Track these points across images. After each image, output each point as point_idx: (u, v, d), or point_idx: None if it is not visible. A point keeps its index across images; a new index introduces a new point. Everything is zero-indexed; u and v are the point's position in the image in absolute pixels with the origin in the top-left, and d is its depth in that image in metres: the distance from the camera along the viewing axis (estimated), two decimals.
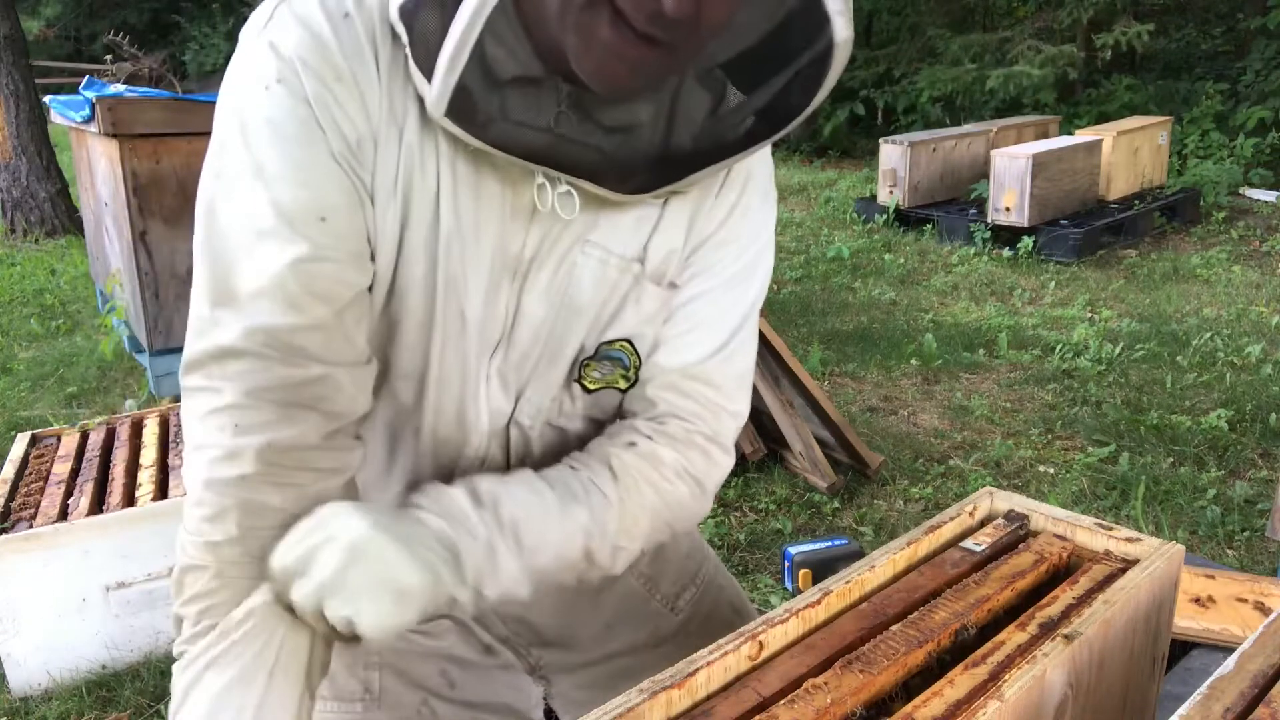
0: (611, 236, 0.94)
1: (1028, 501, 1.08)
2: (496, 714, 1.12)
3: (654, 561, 1.19)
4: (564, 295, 0.94)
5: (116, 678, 2.34)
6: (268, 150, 0.82)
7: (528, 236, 0.91)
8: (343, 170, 0.84)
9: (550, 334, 0.96)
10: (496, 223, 0.90)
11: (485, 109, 0.80)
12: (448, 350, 0.94)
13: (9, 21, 7.40)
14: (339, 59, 0.82)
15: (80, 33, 19.97)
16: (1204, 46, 10.84)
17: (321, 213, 0.83)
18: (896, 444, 3.66)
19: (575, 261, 0.93)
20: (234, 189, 0.83)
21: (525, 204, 0.90)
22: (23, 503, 2.41)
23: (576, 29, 0.76)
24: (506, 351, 0.96)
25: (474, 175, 0.88)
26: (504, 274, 0.92)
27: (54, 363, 4.72)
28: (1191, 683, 1.47)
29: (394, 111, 0.85)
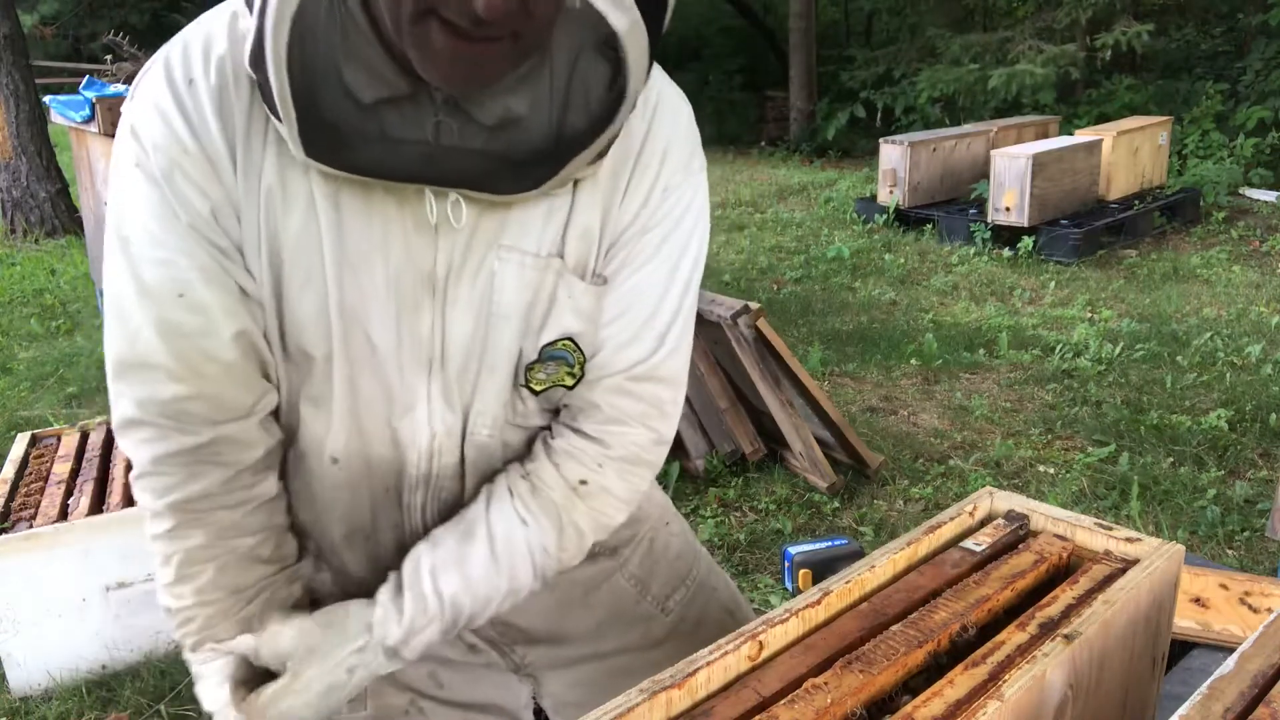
0: (524, 236, 0.92)
1: (1028, 501, 1.08)
2: (485, 713, 1.12)
3: (643, 563, 1.19)
4: (488, 304, 0.93)
5: (116, 678, 2.34)
6: (131, 228, 0.88)
7: (438, 252, 0.90)
8: (200, 242, 0.88)
9: (484, 346, 0.95)
10: (399, 243, 0.89)
11: (353, 133, 0.81)
12: (360, 379, 0.94)
13: (9, 21, 7.40)
14: (185, 135, 0.86)
15: (79, 32, 19.97)
16: (1204, 46, 10.84)
17: (179, 289, 0.88)
18: (896, 444, 3.66)
19: (493, 269, 0.92)
20: (111, 263, 0.90)
21: (424, 218, 0.89)
22: (23, 503, 2.41)
23: (414, 43, 0.77)
24: (443, 369, 0.95)
25: (363, 201, 0.88)
26: (421, 293, 0.91)
27: (54, 363, 4.72)
28: (1191, 683, 1.47)
29: (251, 165, 0.87)
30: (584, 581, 1.15)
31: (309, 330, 0.92)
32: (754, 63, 14.60)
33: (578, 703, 1.15)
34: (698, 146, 1.00)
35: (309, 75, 0.78)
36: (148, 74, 0.89)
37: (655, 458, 1.02)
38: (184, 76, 0.86)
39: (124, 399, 0.91)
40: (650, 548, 1.20)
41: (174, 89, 0.86)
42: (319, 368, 0.94)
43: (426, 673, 1.10)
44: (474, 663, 1.13)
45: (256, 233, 0.89)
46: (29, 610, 2.27)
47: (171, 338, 0.88)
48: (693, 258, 0.99)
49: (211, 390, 0.90)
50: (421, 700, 1.10)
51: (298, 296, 0.90)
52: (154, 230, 0.87)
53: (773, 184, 9.61)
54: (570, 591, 1.15)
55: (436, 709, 1.10)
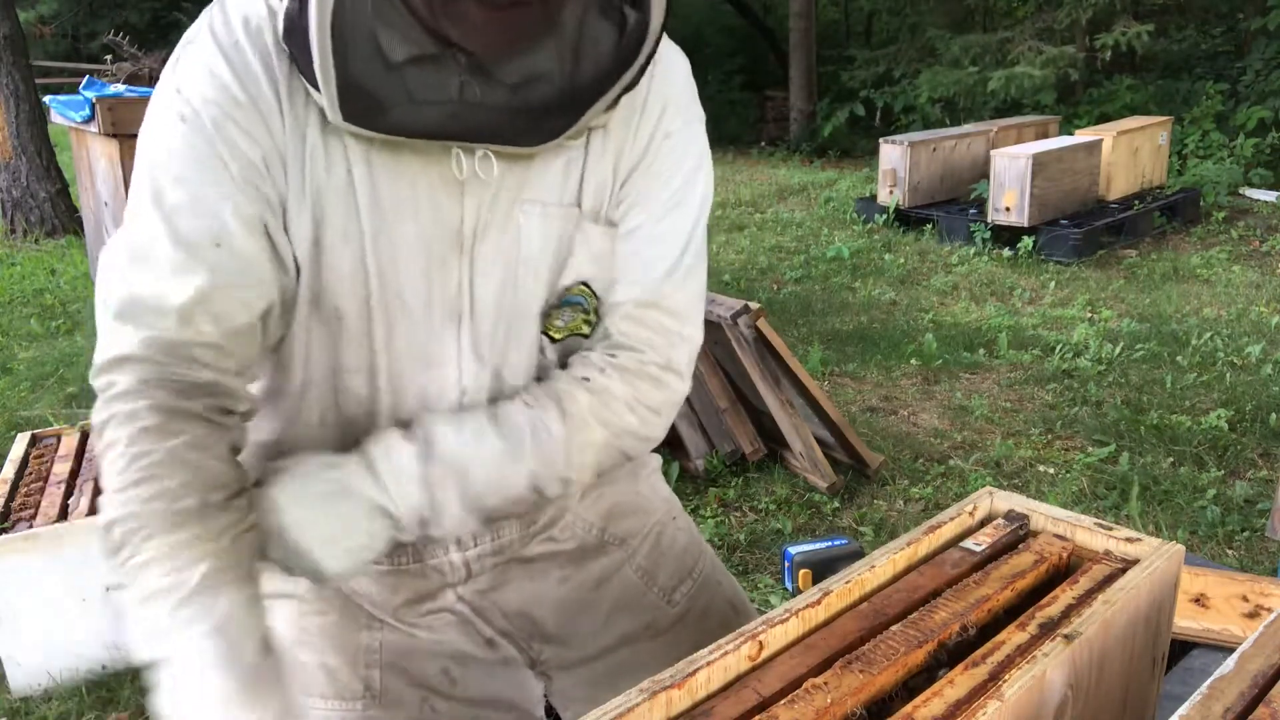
0: (545, 188, 0.97)
1: (1028, 501, 1.08)
2: (498, 710, 1.13)
3: (651, 555, 1.20)
4: (515, 256, 0.97)
5: (116, 678, 2.34)
6: (167, 180, 0.89)
7: (464, 209, 0.94)
8: (244, 194, 0.89)
9: (514, 298, 0.98)
10: (427, 201, 0.93)
11: (386, 97, 0.85)
12: (395, 337, 0.97)
13: (9, 21, 7.40)
14: (235, 89, 0.89)
15: (78, 31, 19.98)
16: (1204, 46, 10.84)
17: (216, 238, 0.89)
18: (896, 444, 3.66)
19: (518, 222, 0.96)
20: (138, 212, 0.91)
21: (452, 177, 0.93)
22: (23, 503, 2.41)
23: (449, 17, 0.82)
24: (473, 324, 0.98)
25: (393, 160, 0.92)
26: (449, 250, 0.95)
27: (54, 363, 4.72)
28: (1191, 683, 1.47)
29: (297, 122, 0.91)
30: (596, 574, 1.16)
31: (345, 284, 0.94)
32: (754, 63, 14.60)
33: (586, 699, 1.16)
34: (696, 98, 1.06)
35: (343, 42, 0.82)
36: (190, 44, 0.92)
37: (661, 377, 1.04)
38: (229, 40, 0.90)
39: (124, 336, 0.92)
40: (657, 541, 1.21)
41: (222, 49, 0.90)
42: (352, 326, 0.96)
43: (439, 669, 1.11)
44: (490, 658, 1.13)
45: (301, 187, 0.91)
46: (29, 610, 2.27)
47: (203, 286, 0.89)
48: (699, 195, 1.04)
49: (225, 342, 0.92)
50: (435, 698, 1.10)
51: (337, 250, 0.93)
52: (194, 181, 0.89)
53: (773, 184, 9.62)
54: (583, 586, 1.16)
55: (450, 706, 1.11)
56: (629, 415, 1.02)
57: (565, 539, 1.15)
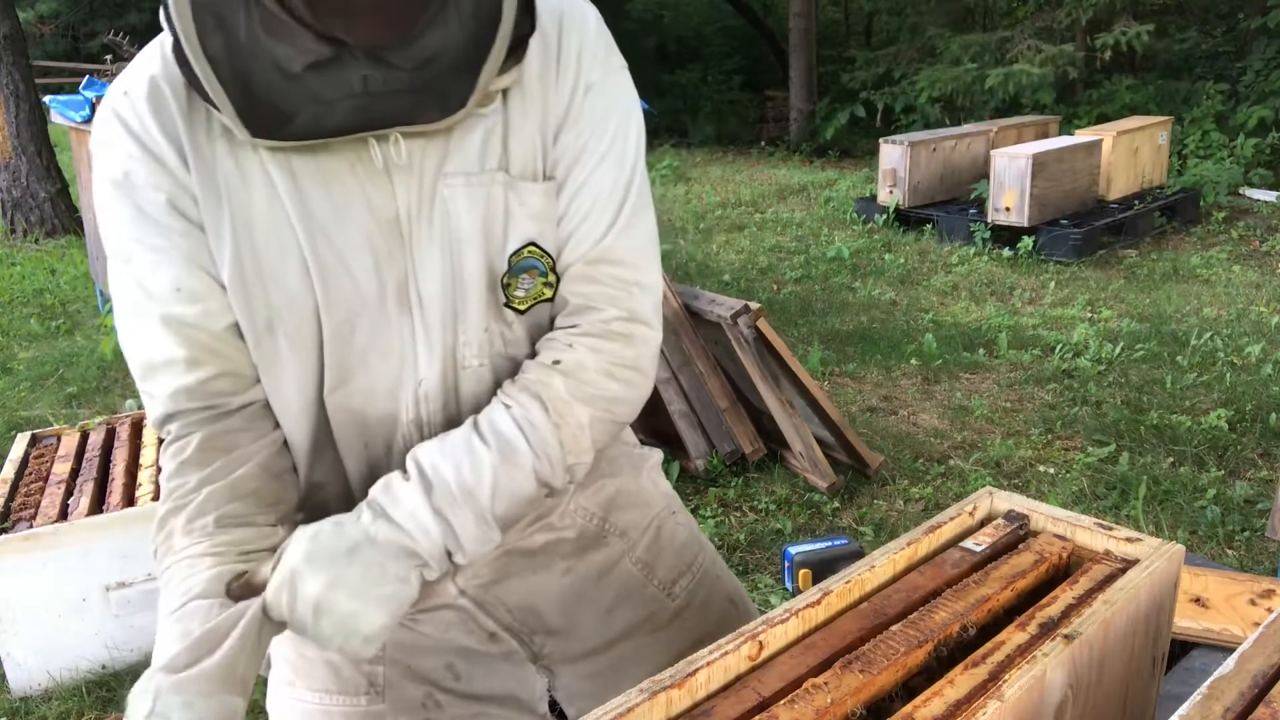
0: (466, 159, 0.97)
1: (1028, 501, 1.08)
2: (502, 705, 1.13)
3: (650, 548, 1.21)
4: (449, 234, 0.97)
5: (116, 678, 2.34)
6: (123, 243, 0.95)
7: (395, 198, 0.95)
8: (172, 233, 0.94)
9: (454, 275, 0.98)
10: (358, 198, 0.94)
11: (291, 106, 0.87)
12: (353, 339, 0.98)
13: (9, 21, 7.40)
14: (127, 141, 0.93)
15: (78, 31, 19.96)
16: (1204, 46, 10.84)
17: (175, 284, 0.95)
18: (896, 444, 3.66)
19: (445, 196, 0.97)
20: (117, 282, 0.97)
21: (376, 168, 0.94)
22: (23, 503, 2.41)
23: (332, 13, 0.83)
24: (421, 311, 0.98)
25: (315, 166, 0.93)
26: (392, 242, 0.96)
27: (54, 363, 4.72)
28: (1191, 683, 1.47)
29: (201, 156, 0.93)
30: (598, 566, 1.17)
31: (295, 299, 0.96)
32: (754, 63, 14.60)
33: (588, 693, 1.16)
34: (612, 46, 1.05)
35: (233, 58, 0.85)
36: (100, 111, 0.98)
37: (629, 331, 1.03)
38: (121, 92, 0.95)
39: (156, 399, 0.98)
40: (657, 535, 1.22)
41: (115, 106, 0.95)
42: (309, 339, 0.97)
43: (443, 665, 1.11)
44: (493, 653, 1.13)
45: (219, 220, 0.94)
46: (29, 610, 2.27)
47: (183, 330, 0.95)
48: (633, 143, 1.04)
49: (230, 367, 0.98)
50: (438, 693, 1.10)
51: (279, 269, 0.95)
52: (139, 237, 0.95)
53: (773, 184, 9.62)
54: (585, 578, 1.16)
55: (454, 701, 1.11)
56: (610, 383, 1.01)
57: (565, 526, 1.15)
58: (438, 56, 0.89)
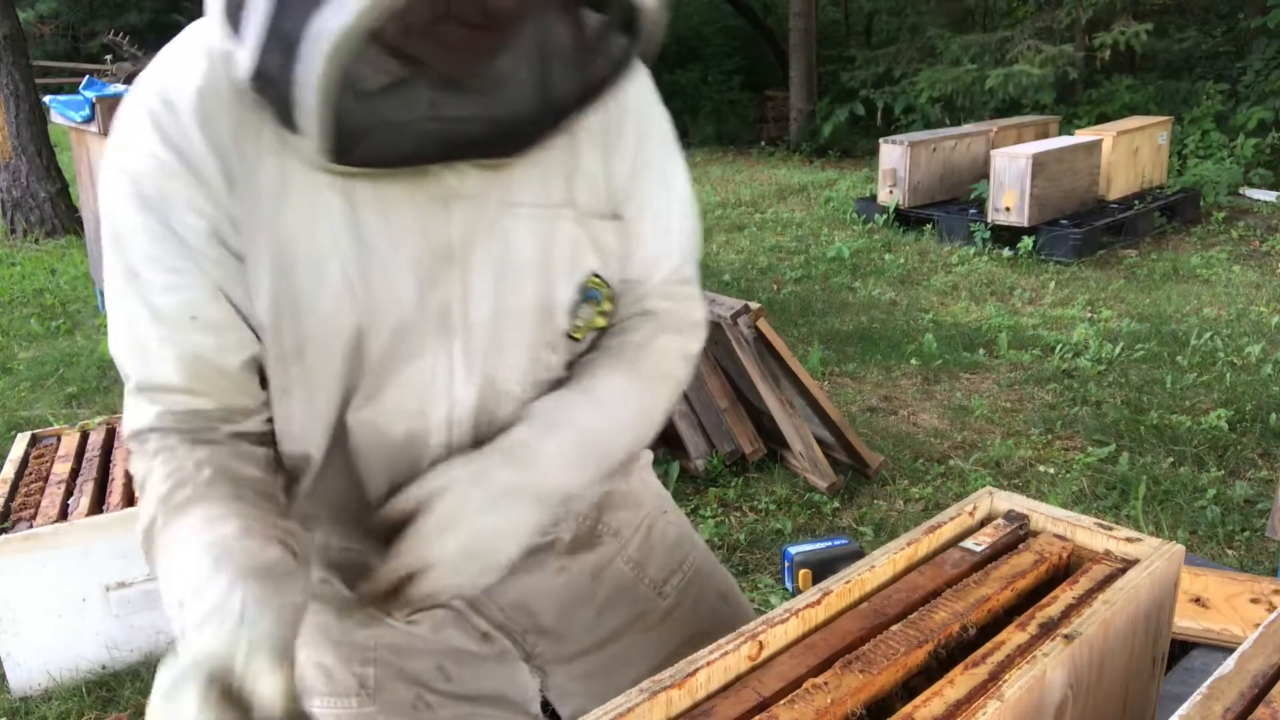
0: (532, 190, 0.97)
1: (1028, 501, 1.08)
2: (493, 706, 1.13)
3: (642, 547, 1.21)
4: (505, 263, 0.97)
5: (116, 678, 2.34)
6: (137, 259, 0.90)
7: (451, 224, 0.94)
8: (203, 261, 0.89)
9: (506, 304, 0.98)
10: (414, 224, 0.93)
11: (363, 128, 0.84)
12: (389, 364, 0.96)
13: (9, 21, 7.40)
14: (168, 157, 0.87)
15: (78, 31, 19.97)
16: (1204, 46, 10.84)
17: (191, 311, 0.90)
18: (896, 444, 3.66)
19: (506, 226, 0.96)
20: (119, 293, 0.92)
21: (437, 193, 0.93)
22: (23, 503, 2.41)
23: (426, 40, 0.82)
24: (466, 335, 0.98)
25: (375, 190, 0.91)
26: (439, 266, 0.95)
27: (54, 363, 4.72)
28: (1191, 683, 1.47)
29: (248, 173, 0.89)
30: (590, 566, 1.17)
31: (330, 326, 0.93)
32: (754, 62, 14.60)
33: (581, 693, 1.17)
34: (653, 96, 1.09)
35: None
36: (124, 109, 0.91)
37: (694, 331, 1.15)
38: (160, 100, 0.88)
39: (142, 413, 0.94)
40: (648, 534, 1.22)
41: (152, 116, 0.88)
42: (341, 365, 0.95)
43: (434, 666, 1.11)
44: (485, 654, 1.13)
45: (263, 246, 0.90)
46: (29, 610, 2.27)
47: (189, 360, 0.92)
48: (678, 161, 1.11)
49: (227, 400, 0.95)
50: (428, 694, 1.10)
51: (315, 295, 0.92)
52: (158, 257, 0.90)
53: (773, 184, 9.62)
54: (579, 577, 1.16)
55: (444, 702, 1.11)
56: (683, 367, 1.12)
57: (559, 528, 1.16)
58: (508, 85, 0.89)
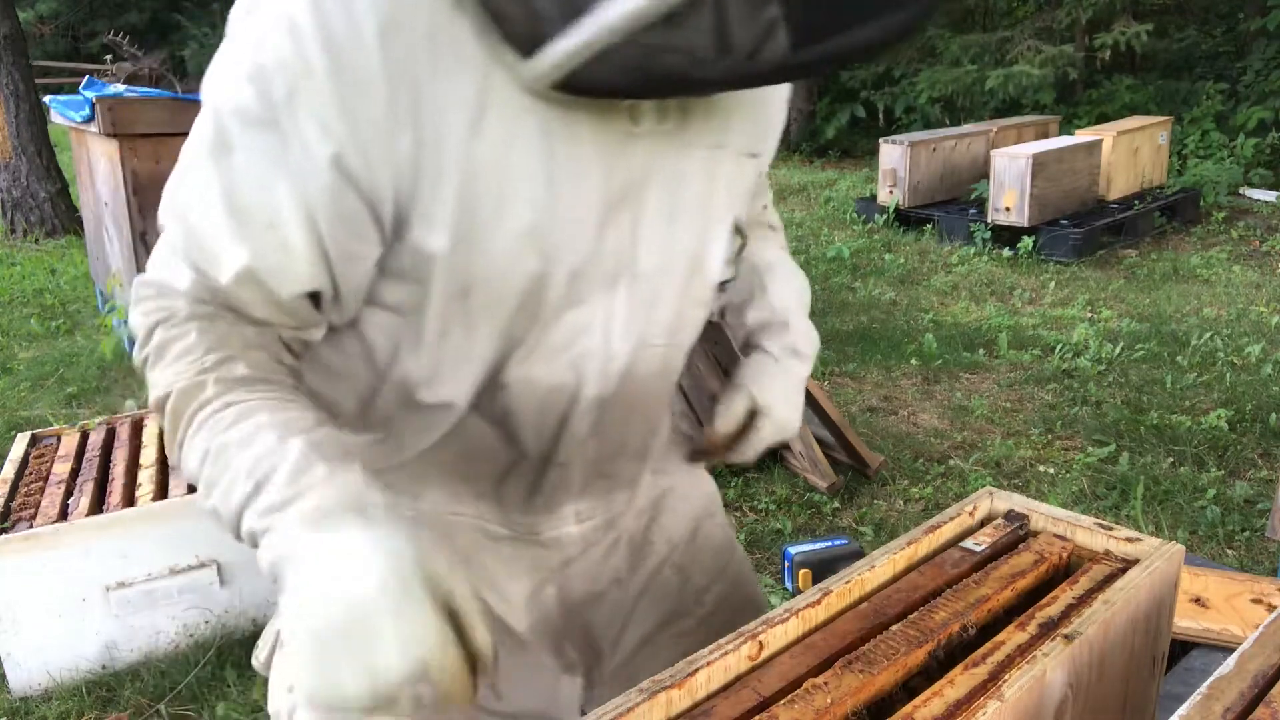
0: (706, 128, 0.91)
1: (1028, 501, 1.08)
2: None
3: (688, 550, 1.17)
4: (675, 207, 0.91)
5: (116, 678, 2.34)
6: (235, 142, 0.78)
7: (629, 163, 0.86)
8: (294, 182, 0.79)
9: (673, 251, 0.93)
10: (599, 160, 0.84)
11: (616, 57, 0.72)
12: (563, 306, 0.89)
13: (9, 21, 7.40)
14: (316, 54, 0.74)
15: (78, 31, 19.97)
16: (1204, 46, 10.84)
17: (270, 221, 0.79)
18: (896, 444, 3.66)
19: (682, 169, 0.90)
20: (198, 156, 0.81)
21: (622, 127, 0.85)
22: (23, 503, 2.41)
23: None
24: (631, 286, 0.92)
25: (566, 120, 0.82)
26: (615, 207, 0.87)
27: (54, 363, 4.72)
28: (1191, 683, 1.47)
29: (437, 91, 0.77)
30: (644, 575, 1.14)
31: (505, 265, 0.84)
32: None
33: (606, 698, 1.14)
34: None
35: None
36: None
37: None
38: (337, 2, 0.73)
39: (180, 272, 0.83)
40: (694, 537, 1.19)
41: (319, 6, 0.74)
42: (508, 309, 0.87)
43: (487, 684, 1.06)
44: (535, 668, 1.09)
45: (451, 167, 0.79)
46: (29, 610, 2.27)
47: (243, 269, 0.81)
48: None
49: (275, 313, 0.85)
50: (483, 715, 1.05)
51: (491, 234, 0.83)
52: (258, 152, 0.78)
53: (773, 184, 9.57)
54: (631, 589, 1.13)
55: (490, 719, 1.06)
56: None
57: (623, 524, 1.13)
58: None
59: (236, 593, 2.41)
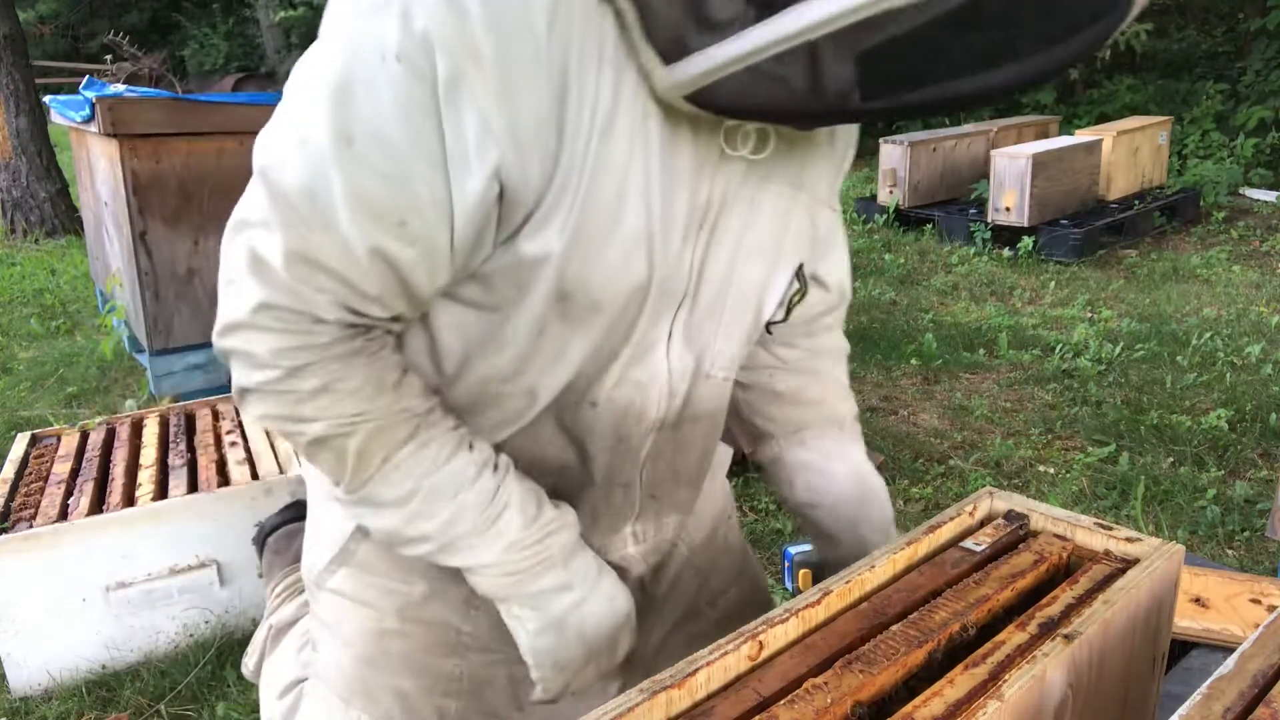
0: (784, 169, 0.91)
1: (1028, 501, 1.08)
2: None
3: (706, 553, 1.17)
4: (745, 237, 0.91)
5: (116, 678, 2.34)
6: (365, 128, 0.71)
7: (713, 184, 0.86)
8: (445, 176, 0.74)
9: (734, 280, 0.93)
10: (689, 176, 0.84)
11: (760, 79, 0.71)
12: (641, 321, 0.88)
13: (9, 21, 7.39)
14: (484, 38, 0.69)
15: (78, 31, 19.97)
16: (1204, 46, 10.83)
17: (403, 216, 0.74)
18: (896, 444, 3.66)
19: (757, 201, 0.90)
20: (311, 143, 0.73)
21: (713, 149, 0.85)
22: (23, 503, 2.41)
23: None
24: (693, 305, 0.91)
25: (670, 133, 0.81)
26: (691, 227, 0.87)
27: (54, 363, 4.72)
28: (1191, 683, 1.47)
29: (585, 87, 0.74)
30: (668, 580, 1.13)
31: (611, 274, 0.82)
32: None
33: None
34: None
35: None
36: None
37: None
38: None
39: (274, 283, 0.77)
40: (712, 539, 1.18)
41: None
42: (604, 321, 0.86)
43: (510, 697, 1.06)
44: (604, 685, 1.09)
45: (579, 166, 0.77)
46: (29, 610, 2.27)
47: (378, 267, 0.77)
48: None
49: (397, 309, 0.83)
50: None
51: (605, 241, 0.80)
52: (397, 144, 0.72)
53: None
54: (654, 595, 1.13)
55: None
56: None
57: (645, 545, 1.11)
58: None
59: (236, 593, 2.41)
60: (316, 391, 0.80)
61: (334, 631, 1.03)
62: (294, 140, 0.75)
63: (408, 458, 0.85)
